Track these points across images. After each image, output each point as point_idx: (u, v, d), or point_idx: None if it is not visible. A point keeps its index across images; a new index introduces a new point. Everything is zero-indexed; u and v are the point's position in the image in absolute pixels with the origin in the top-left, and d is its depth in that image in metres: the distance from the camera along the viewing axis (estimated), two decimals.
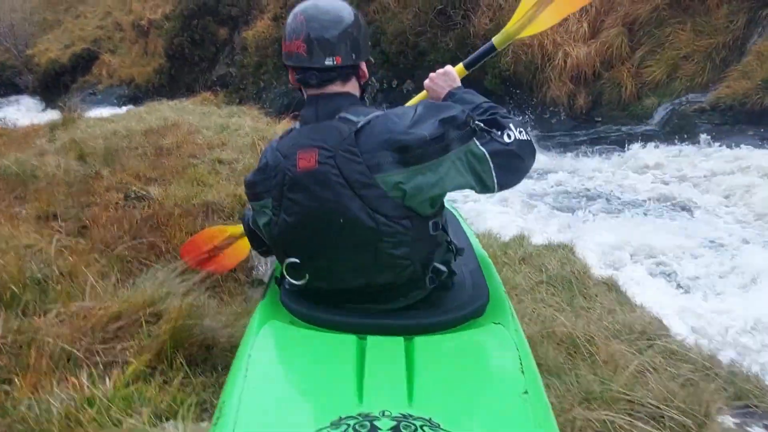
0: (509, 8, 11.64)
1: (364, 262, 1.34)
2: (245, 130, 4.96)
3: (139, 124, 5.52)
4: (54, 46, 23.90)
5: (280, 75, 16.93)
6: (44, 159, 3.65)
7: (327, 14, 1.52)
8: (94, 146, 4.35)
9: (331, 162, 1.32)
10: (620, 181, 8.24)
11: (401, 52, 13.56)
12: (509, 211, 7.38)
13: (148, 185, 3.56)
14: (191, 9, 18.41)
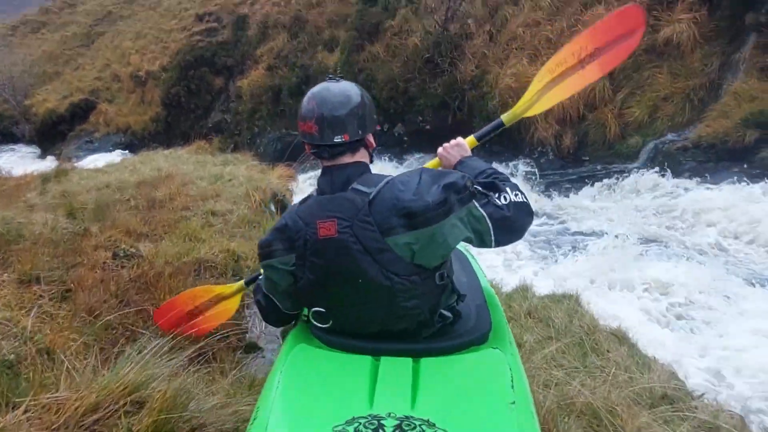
0: (493, 57, 12.08)
1: (380, 313, 1.55)
2: (239, 180, 5.07)
3: (132, 176, 5.62)
4: (52, 96, 24.36)
5: (273, 121, 17.28)
6: (32, 216, 3.70)
7: (336, 97, 1.72)
8: (85, 201, 4.42)
9: (348, 231, 1.51)
10: (611, 219, 8.35)
11: (391, 98, 13.91)
12: (504, 253, 7.44)
13: (139, 241, 3.62)
14: (188, 60, 18.92)
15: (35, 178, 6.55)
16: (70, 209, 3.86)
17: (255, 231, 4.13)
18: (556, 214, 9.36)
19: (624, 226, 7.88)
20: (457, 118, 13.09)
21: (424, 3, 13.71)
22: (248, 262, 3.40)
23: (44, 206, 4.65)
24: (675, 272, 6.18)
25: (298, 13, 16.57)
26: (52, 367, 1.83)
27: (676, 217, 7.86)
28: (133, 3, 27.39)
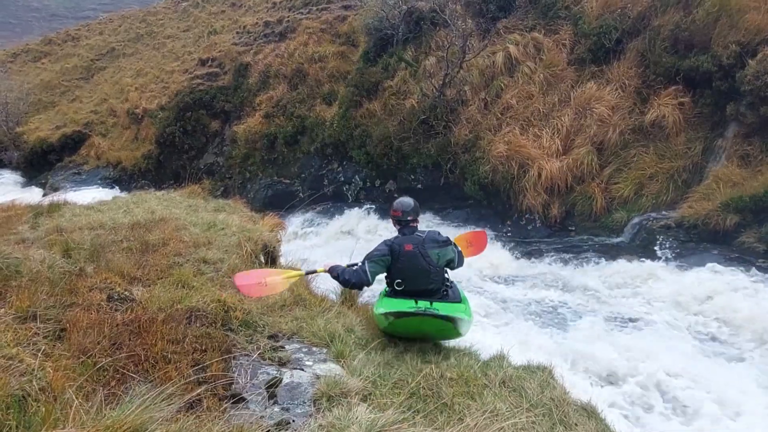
0: (487, 124, 12.48)
1: (422, 282, 4.06)
2: (232, 229, 5.07)
3: (125, 216, 5.59)
4: (45, 126, 24.38)
5: (266, 167, 17.42)
6: (29, 252, 3.66)
7: (411, 203, 4.29)
8: (80, 240, 4.38)
9: (417, 248, 4.06)
10: (594, 295, 8.42)
11: (385, 155, 14.16)
12: (486, 320, 7.43)
13: (132, 285, 3.58)
14: (186, 102, 19.18)
15: (26, 210, 6.47)
16: (66, 248, 3.83)
17: None
18: (539, 283, 9.41)
19: (603, 305, 7.94)
20: (449, 179, 13.34)
21: (422, 67, 14.22)
22: (237, 313, 3.37)
23: (39, 242, 4.60)
24: (654, 354, 6.20)
25: (300, 66, 17.04)
26: (55, 404, 1.86)
27: (656, 299, 7.96)
28: (138, 42, 27.98)
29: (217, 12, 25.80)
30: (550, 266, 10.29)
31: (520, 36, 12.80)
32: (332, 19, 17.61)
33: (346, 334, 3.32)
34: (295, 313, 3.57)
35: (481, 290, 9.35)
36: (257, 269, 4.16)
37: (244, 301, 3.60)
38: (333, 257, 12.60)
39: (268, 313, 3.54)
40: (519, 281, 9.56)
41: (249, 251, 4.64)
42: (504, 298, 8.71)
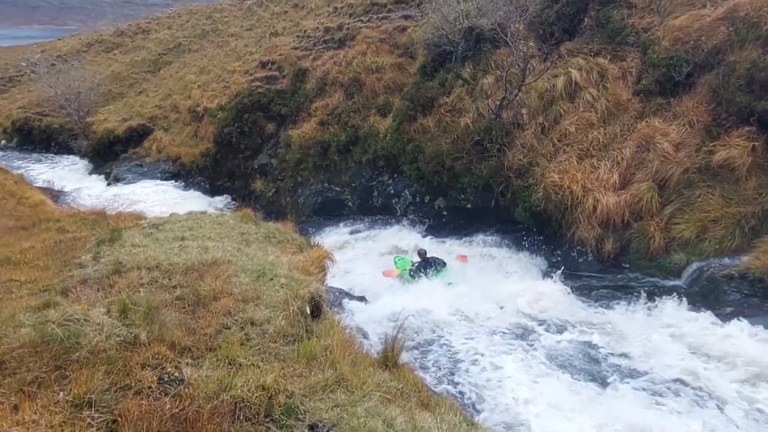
0: (542, 150, 12.16)
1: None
2: (280, 280, 5.18)
3: (180, 254, 5.81)
4: (113, 117, 25.57)
5: (317, 174, 17.65)
6: (90, 313, 3.86)
7: (423, 251, 11.93)
8: (136, 288, 4.58)
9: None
10: (646, 347, 8.08)
11: (436, 172, 14.07)
12: (531, 373, 7.26)
13: (183, 356, 3.72)
14: (245, 103, 19.67)
15: (90, 237, 6.81)
16: (123, 307, 4.00)
17: (289, 350, 4.18)
18: (586, 326, 9.12)
19: (658, 359, 7.60)
20: (499, 202, 13.13)
21: (480, 85, 13.99)
22: (280, 397, 3.44)
23: (99, 283, 4.82)
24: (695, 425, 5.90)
25: (357, 75, 17.10)
26: None
27: (711, 357, 7.55)
28: (203, 39, 28.83)
29: (279, 12, 26.22)
30: (602, 306, 9.96)
31: (584, 60, 12.36)
32: (392, 29, 17.55)
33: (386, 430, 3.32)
34: (337, 397, 3.61)
35: (523, 330, 9.17)
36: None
37: (288, 379, 3.67)
38: (376, 270, 12.74)
39: (311, 395, 3.59)
40: (565, 322, 9.29)
41: (295, 310, 4.71)
42: (547, 342, 8.51)
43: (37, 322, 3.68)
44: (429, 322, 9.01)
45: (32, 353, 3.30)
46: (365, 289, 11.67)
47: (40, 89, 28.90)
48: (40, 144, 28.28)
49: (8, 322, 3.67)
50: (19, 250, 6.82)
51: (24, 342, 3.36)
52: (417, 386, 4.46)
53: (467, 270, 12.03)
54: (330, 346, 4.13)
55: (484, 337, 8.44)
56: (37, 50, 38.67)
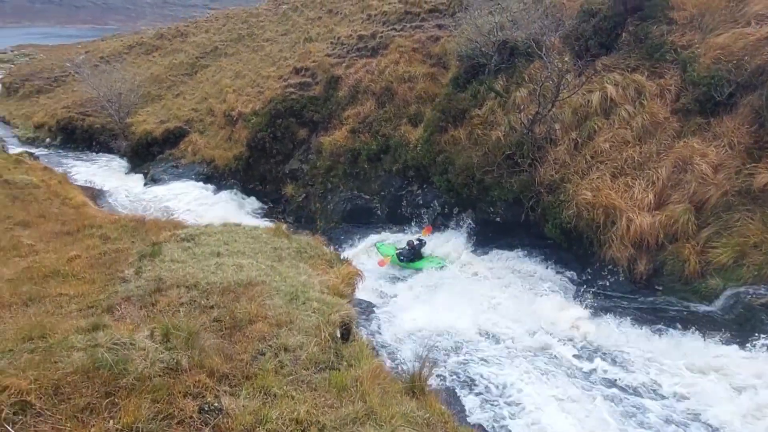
0: (575, 166, 12.05)
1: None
2: (313, 304, 5.33)
3: (217, 272, 6.03)
4: (151, 119, 26.29)
5: (347, 181, 17.83)
6: (135, 337, 4.07)
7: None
8: (176, 309, 4.79)
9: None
10: (676, 379, 7.93)
11: (466, 184, 14.07)
12: (560, 401, 7.23)
13: (220, 383, 3.89)
14: (278, 109, 20.00)
15: (131, 249, 7.10)
16: (166, 332, 4.19)
17: (321, 378, 4.31)
18: (618, 353, 8.99)
19: (689, 393, 7.46)
20: (529, 217, 13.05)
21: (513, 98, 13.94)
22: (312, 431, 3.57)
23: (142, 301, 5.04)
24: None
25: (389, 84, 17.22)
26: None
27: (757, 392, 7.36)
28: (239, 43, 29.39)
29: (314, 18, 26.53)
30: (632, 329, 9.83)
31: (621, 76, 12.20)
32: (425, 39, 17.60)
33: None
34: (366, 431, 3.72)
35: (552, 355, 9.10)
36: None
37: (320, 410, 3.80)
38: (405, 281, 12.84)
39: (341, 428, 3.71)
40: (596, 348, 9.19)
41: (327, 336, 4.85)
42: (577, 369, 8.45)
43: (88, 345, 3.90)
44: (455, 342, 9.05)
45: (84, 379, 3.50)
46: (392, 301, 11.80)
47: (84, 90, 29.92)
48: (82, 143, 29.26)
49: (61, 345, 3.90)
50: (66, 259, 7.15)
51: (77, 367, 3.57)
52: (444, 417, 4.54)
53: (494, 284, 12.04)
54: (360, 377, 4.24)
55: (512, 362, 8.44)
56: (81, 51, 40.01)
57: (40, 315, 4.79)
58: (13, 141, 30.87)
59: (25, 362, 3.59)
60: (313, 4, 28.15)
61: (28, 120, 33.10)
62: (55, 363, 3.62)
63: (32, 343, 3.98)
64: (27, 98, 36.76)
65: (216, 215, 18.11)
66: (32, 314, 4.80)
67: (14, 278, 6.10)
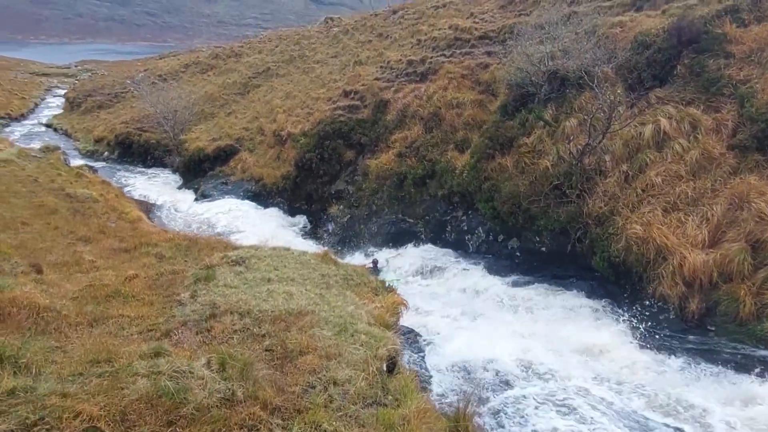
0: (625, 199, 11.81)
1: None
2: (361, 337, 5.44)
3: (268, 301, 6.22)
4: (204, 136, 27.29)
5: (392, 204, 18.00)
6: (194, 365, 4.26)
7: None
8: (232, 349, 4.97)
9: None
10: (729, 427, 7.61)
11: (512, 212, 13.98)
12: None
13: (273, 416, 4.02)
14: (327, 131, 20.46)
15: (187, 272, 7.41)
16: (222, 360, 4.37)
17: (368, 413, 4.38)
18: (663, 399, 8.64)
19: None
20: (576, 248, 12.84)
21: (562, 128, 13.83)
22: None
23: (198, 326, 5.26)
24: None
25: (437, 109, 17.38)
26: None
27: None
28: (290, 64, 30.27)
29: (364, 41, 27.10)
30: (683, 371, 9.48)
31: (675, 109, 11.94)
32: (474, 66, 17.72)
33: None
34: None
35: (596, 395, 8.86)
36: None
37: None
38: (447, 309, 12.79)
39: None
40: (645, 392, 8.87)
41: (374, 370, 4.93)
42: (624, 414, 8.19)
43: (151, 372, 4.11)
44: (499, 377, 8.94)
45: (148, 406, 3.70)
46: (434, 328, 11.77)
47: (142, 106, 31.41)
48: (138, 157, 30.60)
49: (126, 370, 4.12)
50: (125, 278, 7.52)
51: (141, 394, 3.77)
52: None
53: (538, 316, 11.86)
54: (407, 416, 4.30)
55: (553, 400, 8.26)
56: (141, 69, 42.02)
57: (104, 336, 5.07)
58: (74, 153, 32.57)
59: (94, 387, 3.82)
60: (363, 28, 28.77)
61: (89, 134, 34.91)
62: (121, 389, 3.83)
63: (99, 366, 4.22)
64: (88, 113, 38.82)
65: (262, 232, 18.63)
66: (97, 335, 5.08)
67: (79, 296, 6.45)
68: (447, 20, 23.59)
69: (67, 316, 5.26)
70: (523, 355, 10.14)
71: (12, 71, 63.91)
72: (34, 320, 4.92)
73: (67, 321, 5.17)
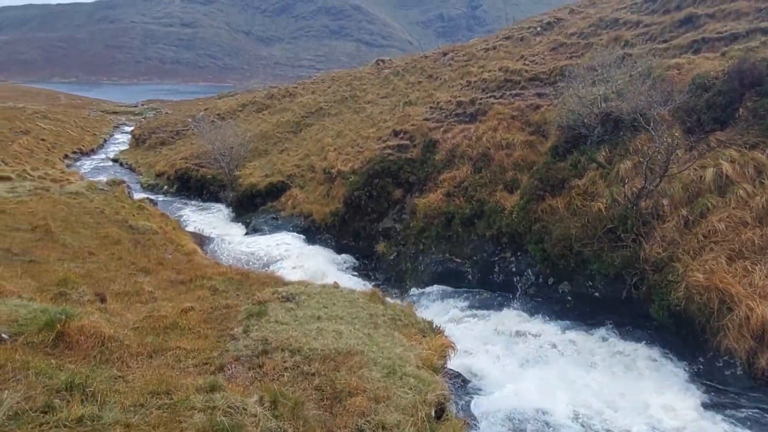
0: (685, 245, 11.36)
1: None
2: (410, 380, 5.39)
3: (317, 339, 6.28)
4: (257, 173, 28.25)
5: (440, 243, 17.94)
6: (246, 402, 4.33)
7: None
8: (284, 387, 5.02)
9: None
10: None
11: (563, 255, 13.65)
12: None
13: None
14: (376, 169, 20.80)
15: (240, 307, 7.59)
16: (274, 398, 4.41)
17: None
18: None
19: None
20: (632, 294, 12.35)
21: (616, 170, 13.55)
22: None
23: (250, 362, 5.35)
24: None
25: (486, 150, 17.42)
26: None
27: None
28: (342, 104, 31.20)
29: (414, 82, 27.68)
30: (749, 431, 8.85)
31: (738, 153, 11.52)
32: (524, 107, 17.75)
33: None
34: None
35: None
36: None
37: None
38: (494, 354, 12.45)
39: None
40: None
41: (423, 416, 4.86)
42: None
43: (207, 406, 4.19)
44: (549, 427, 8.59)
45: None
46: (481, 373, 11.47)
47: (200, 143, 32.94)
48: (194, 192, 31.91)
49: (184, 404, 4.22)
50: (181, 310, 7.77)
51: (198, 429, 3.85)
52: None
53: (592, 365, 11.37)
54: None
55: None
56: (201, 108, 44.26)
57: (162, 368, 5.22)
58: (137, 187, 34.34)
59: (155, 419, 3.93)
60: (413, 69, 29.43)
61: (151, 168, 36.79)
62: (179, 422, 3.92)
63: (159, 398, 4.35)
64: (152, 149, 41.02)
65: (310, 267, 18.91)
66: (156, 366, 5.25)
67: (139, 327, 6.70)
68: (497, 62, 23.85)
69: (129, 346, 5.47)
70: (576, 408, 9.72)
71: (86, 109, 68.67)
72: (99, 349, 5.14)
73: (129, 351, 5.37)
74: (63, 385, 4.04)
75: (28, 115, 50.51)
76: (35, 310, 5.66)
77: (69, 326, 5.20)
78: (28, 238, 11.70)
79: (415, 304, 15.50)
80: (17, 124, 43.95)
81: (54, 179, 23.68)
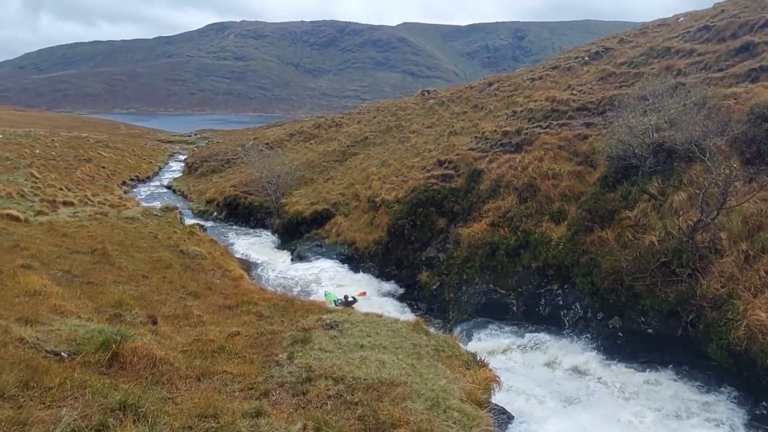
0: (746, 281, 10.78)
1: None
2: (453, 414, 5.27)
3: (360, 368, 6.26)
4: (303, 200, 28.79)
5: (483, 274, 17.66)
6: (290, 428, 4.34)
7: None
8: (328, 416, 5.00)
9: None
10: None
11: (613, 289, 13.19)
12: None
13: None
14: (420, 198, 20.85)
15: (284, 333, 7.67)
16: (318, 426, 4.41)
17: None
18: None
19: None
20: (688, 332, 11.77)
21: (669, 202, 13.10)
22: None
23: (294, 389, 5.37)
24: None
25: (532, 180, 17.20)
26: None
27: None
28: (386, 134, 31.62)
29: (459, 112, 27.82)
30: None
31: None
32: (572, 137, 17.50)
33: None
34: None
35: None
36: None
37: None
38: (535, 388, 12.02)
39: None
40: None
41: None
42: None
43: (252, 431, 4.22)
44: None
45: None
46: (527, 410, 11.09)
47: (249, 171, 33.95)
48: (242, 218, 32.77)
49: (230, 428, 4.27)
50: (228, 334, 7.92)
51: None
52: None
53: (644, 407, 10.81)
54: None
55: None
56: (250, 137, 45.77)
57: (209, 391, 5.31)
58: (188, 213, 35.60)
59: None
60: (458, 99, 29.62)
61: (202, 195, 38.11)
62: None
63: (206, 421, 4.41)
64: (203, 176, 42.56)
65: (355, 294, 18.96)
66: (203, 389, 5.34)
67: (188, 350, 6.86)
68: (543, 92, 23.72)
69: (178, 368, 5.60)
70: None
71: (143, 139, 72.25)
72: (150, 371, 5.29)
73: (178, 373, 5.50)
74: (117, 404, 4.16)
75: (90, 144, 53.57)
76: (92, 330, 5.90)
77: (123, 347, 5.38)
78: (87, 260, 12.25)
79: (458, 335, 15.25)
80: (81, 152, 46.63)
81: (112, 205, 24.84)
